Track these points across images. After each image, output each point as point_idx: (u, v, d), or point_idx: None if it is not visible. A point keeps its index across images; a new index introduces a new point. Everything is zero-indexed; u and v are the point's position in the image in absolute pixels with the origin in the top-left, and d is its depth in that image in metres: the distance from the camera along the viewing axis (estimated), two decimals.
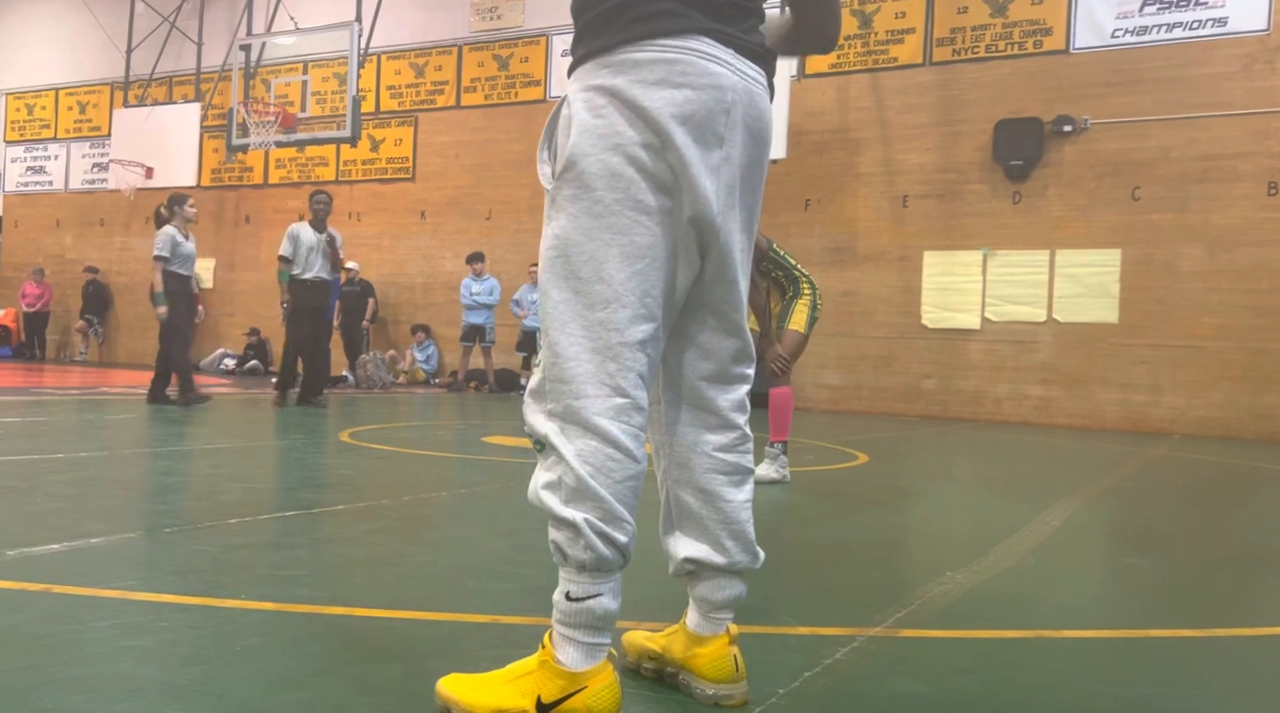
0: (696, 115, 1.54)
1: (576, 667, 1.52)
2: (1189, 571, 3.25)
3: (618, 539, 1.52)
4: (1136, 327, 10.39)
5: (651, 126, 1.53)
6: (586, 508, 1.52)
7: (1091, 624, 2.51)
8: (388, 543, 3.13)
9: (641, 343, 1.56)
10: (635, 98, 1.53)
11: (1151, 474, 6.26)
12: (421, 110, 14.66)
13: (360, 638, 2.08)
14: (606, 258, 1.54)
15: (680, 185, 1.55)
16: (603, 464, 1.52)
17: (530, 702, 1.53)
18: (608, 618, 1.54)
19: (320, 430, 6.70)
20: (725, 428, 1.72)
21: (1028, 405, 10.87)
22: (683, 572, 1.76)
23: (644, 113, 1.53)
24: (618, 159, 1.53)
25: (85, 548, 2.78)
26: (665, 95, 1.53)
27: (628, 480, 1.54)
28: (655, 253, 1.56)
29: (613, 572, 1.54)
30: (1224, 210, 10.07)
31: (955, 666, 2.06)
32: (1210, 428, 10.00)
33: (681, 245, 1.59)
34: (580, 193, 1.56)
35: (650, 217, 1.55)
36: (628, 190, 1.54)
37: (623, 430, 1.53)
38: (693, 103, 1.54)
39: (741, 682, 1.73)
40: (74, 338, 17.25)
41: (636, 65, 1.54)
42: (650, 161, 1.54)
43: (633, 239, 1.54)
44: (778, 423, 4.90)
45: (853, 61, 11.82)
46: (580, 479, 1.52)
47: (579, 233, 1.56)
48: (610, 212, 1.54)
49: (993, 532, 3.70)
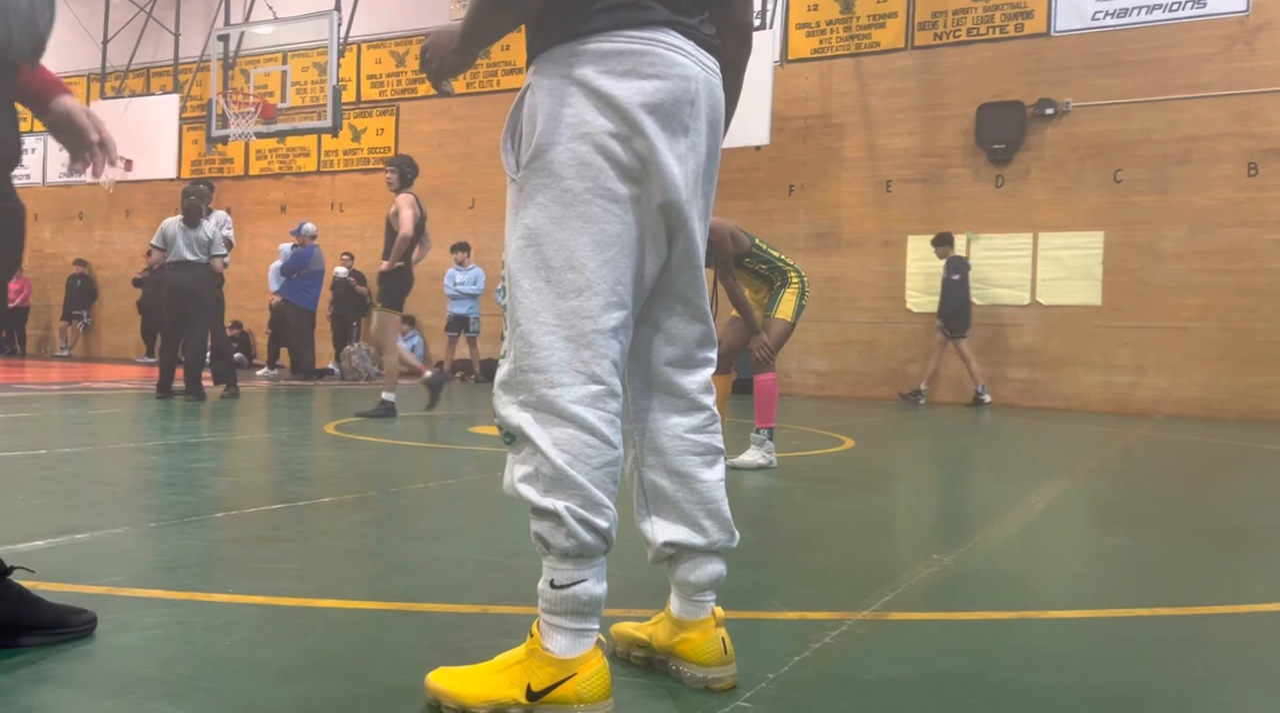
0: (665, 105, 1.56)
1: (565, 654, 1.53)
2: (1174, 550, 3.28)
3: (599, 525, 1.53)
4: (1119, 308, 10.46)
5: (621, 116, 1.54)
6: (566, 496, 1.52)
7: (1078, 605, 2.54)
8: (376, 535, 3.13)
9: (614, 330, 1.57)
10: (604, 88, 1.54)
11: (1135, 455, 6.31)
12: (403, 99, 14.58)
13: (351, 631, 2.08)
14: (578, 246, 1.55)
15: (650, 173, 1.56)
16: (580, 451, 1.53)
17: (520, 691, 1.54)
18: (593, 603, 1.55)
19: (305, 423, 6.67)
20: (694, 409, 1.74)
21: (1012, 388, 10.92)
22: (662, 557, 1.77)
23: (613, 102, 1.54)
24: (586, 148, 1.54)
25: (71, 544, 2.77)
26: (634, 85, 1.54)
27: (605, 466, 1.55)
28: (625, 241, 1.57)
29: (596, 557, 1.55)
30: (1205, 192, 10.13)
31: (943, 647, 2.08)
32: (1193, 408, 10.08)
33: (650, 233, 1.61)
34: (549, 182, 1.56)
35: (619, 205, 1.56)
36: (596, 179, 1.54)
37: (599, 417, 1.54)
38: (661, 93, 1.56)
39: (730, 664, 1.74)
40: (55, 333, 17.13)
41: (605, 56, 1.54)
42: (619, 150, 1.54)
43: (603, 227, 1.55)
44: (763, 409, 4.91)
45: (835, 46, 11.81)
46: (558, 468, 1.52)
47: (549, 222, 1.56)
48: (580, 200, 1.54)
49: (978, 514, 3.73)
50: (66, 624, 1.92)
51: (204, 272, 8.13)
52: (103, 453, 4.94)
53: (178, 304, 8.11)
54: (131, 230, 16.67)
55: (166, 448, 5.10)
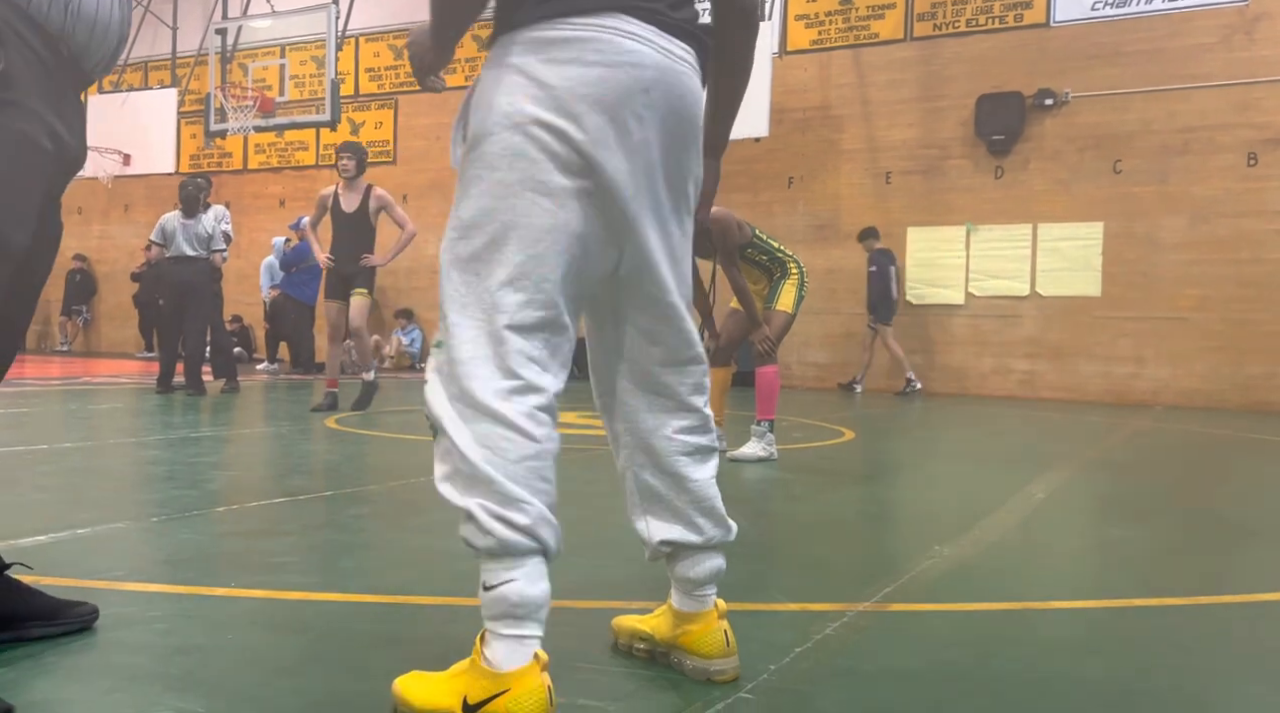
0: (609, 96, 1.49)
1: (500, 666, 1.45)
2: (1174, 540, 3.28)
3: (517, 521, 1.45)
4: (1119, 299, 10.45)
5: (559, 106, 1.48)
6: (480, 493, 1.46)
7: (1078, 595, 2.54)
8: (376, 528, 3.13)
9: (534, 327, 1.51)
10: (542, 76, 1.49)
11: (1136, 446, 6.31)
12: (401, 93, 14.55)
13: (352, 624, 2.08)
14: (505, 240, 1.50)
15: (591, 168, 1.50)
16: (496, 445, 1.47)
17: (458, 702, 1.48)
18: (525, 606, 1.46)
19: (304, 417, 6.67)
20: (683, 410, 1.71)
21: (1012, 379, 10.92)
22: (659, 554, 1.75)
23: (552, 92, 1.48)
24: (520, 138, 1.49)
25: (73, 539, 2.77)
26: (575, 74, 1.48)
27: (525, 461, 1.47)
28: (557, 236, 1.50)
29: (524, 556, 1.47)
30: (1204, 182, 10.12)
31: (945, 639, 2.08)
32: (1193, 399, 10.08)
33: (595, 229, 1.54)
34: (484, 173, 1.52)
35: (552, 198, 1.49)
36: (529, 171, 1.49)
37: (515, 410, 1.48)
38: (605, 82, 1.49)
39: (733, 656, 1.73)
40: (54, 328, 17.12)
41: (549, 44, 1.50)
42: (555, 143, 1.48)
43: (532, 221, 1.49)
44: (764, 402, 4.92)
45: (834, 38, 11.79)
46: (472, 465, 1.47)
47: (480, 214, 1.52)
48: (512, 192, 1.49)
49: (980, 505, 3.73)
50: (66, 616, 1.93)
51: (203, 266, 8.12)
52: (104, 448, 4.94)
53: (177, 299, 8.11)
54: (130, 225, 16.65)
55: (167, 443, 5.10)
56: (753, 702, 1.66)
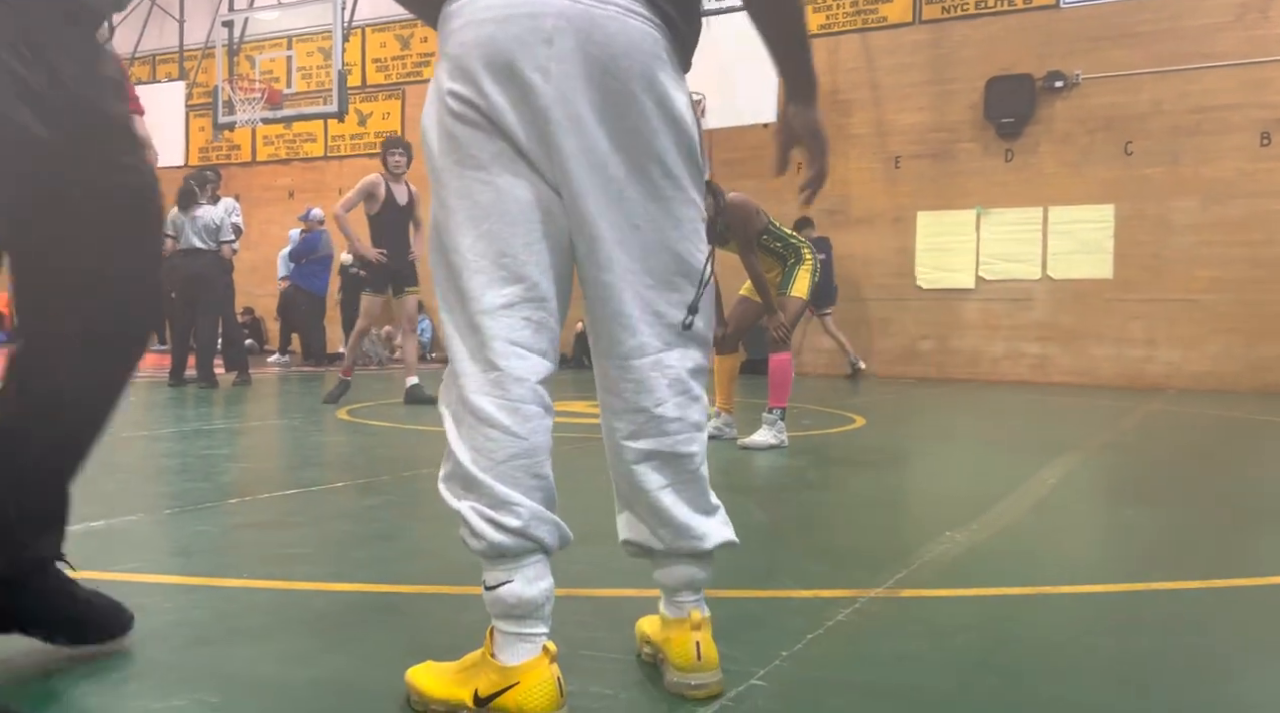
0: (502, 53, 1.40)
1: (507, 661, 1.45)
2: (1187, 523, 3.27)
3: (508, 523, 1.43)
4: (1131, 282, 10.39)
5: (462, 73, 1.43)
6: (473, 497, 1.45)
7: (1092, 579, 2.53)
8: (389, 518, 3.14)
9: (505, 308, 1.46)
10: (449, 49, 1.46)
11: (1148, 429, 6.28)
12: (408, 83, 14.53)
13: (365, 613, 2.09)
14: (456, 226, 1.47)
15: (504, 131, 1.43)
16: (482, 445, 1.45)
17: (469, 694, 1.48)
18: (525, 606, 1.45)
19: (317, 408, 6.69)
20: (631, 411, 1.56)
21: (1024, 364, 10.88)
22: (629, 554, 1.70)
23: (456, 62, 1.44)
24: (448, 120, 1.46)
25: (86, 531, 2.79)
26: (469, 37, 1.42)
27: (512, 460, 1.44)
28: (504, 208, 1.45)
29: (519, 557, 1.45)
30: (1217, 163, 10.04)
31: (957, 623, 2.08)
32: (1206, 381, 10.03)
33: (539, 191, 1.47)
34: (431, 163, 1.50)
35: (486, 171, 1.44)
36: (460, 149, 1.45)
37: (496, 405, 1.44)
38: (496, 40, 1.40)
39: (706, 671, 1.59)
40: None
41: (452, 15, 1.47)
42: (469, 112, 1.43)
43: (475, 200, 1.45)
44: (777, 389, 4.91)
45: (842, 22, 11.72)
46: (464, 468, 1.46)
47: (438, 207, 1.50)
48: (453, 176, 1.46)
49: (991, 490, 3.72)
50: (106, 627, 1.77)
51: (213, 259, 8.14)
52: (116, 441, 4.97)
53: (188, 292, 8.13)
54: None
55: (180, 435, 5.13)
56: (765, 688, 1.66)
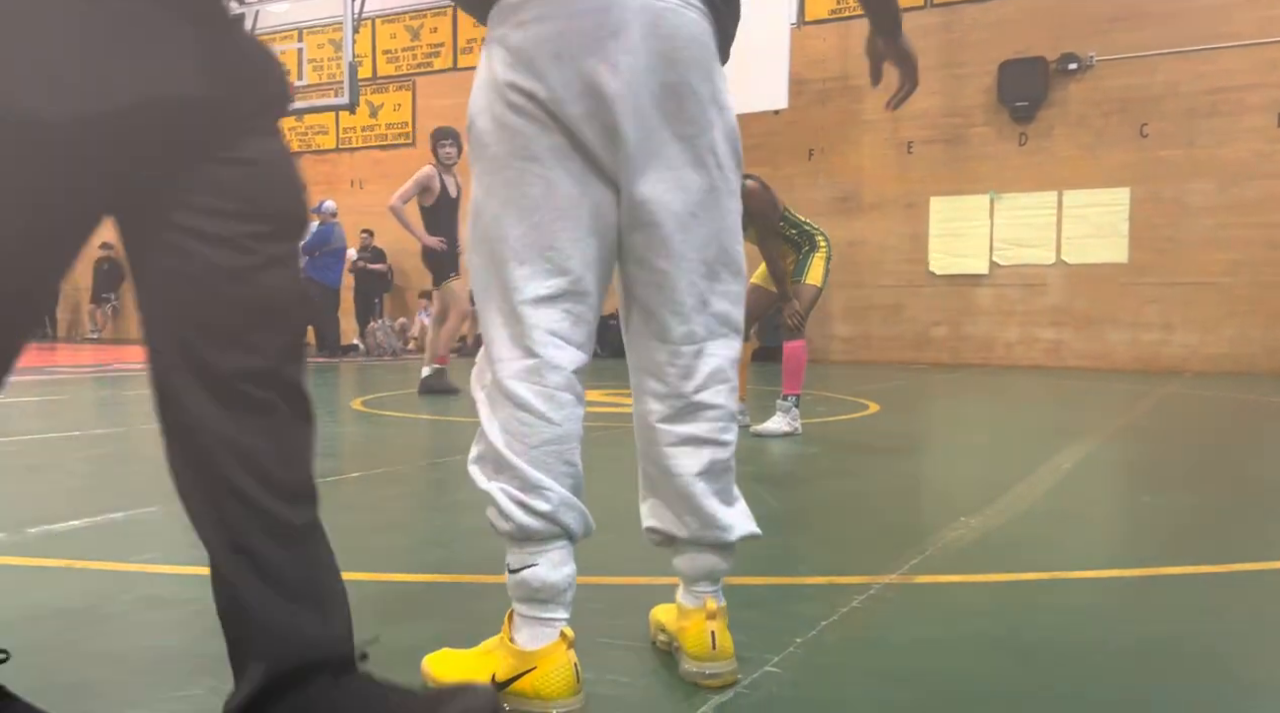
0: (571, 49, 1.42)
1: (526, 645, 1.47)
2: (1204, 507, 3.25)
3: (538, 507, 1.45)
4: (1146, 265, 10.32)
5: (527, 67, 1.44)
6: (504, 479, 1.47)
7: (1107, 564, 2.53)
8: (405, 508, 3.16)
9: (548, 300, 1.48)
10: (512, 41, 1.46)
11: (1164, 413, 6.25)
12: (419, 74, 14.54)
13: (382, 602, 2.10)
14: (505, 215, 1.48)
15: (568, 126, 1.45)
16: (516, 430, 1.47)
17: (486, 679, 1.49)
18: (548, 590, 1.47)
19: (332, 400, 6.73)
20: (673, 396, 1.59)
21: (1038, 349, 10.84)
22: (653, 542, 1.71)
23: (520, 54, 1.44)
24: (502, 108, 1.46)
25: (106, 523, 2.81)
26: (537, 32, 1.43)
27: (545, 445, 1.47)
28: (555, 202, 1.47)
29: (545, 541, 1.47)
30: (1233, 144, 9.95)
31: (972, 609, 2.08)
32: (1223, 364, 9.97)
33: (591, 187, 1.49)
34: (479, 151, 1.51)
35: (541, 164, 1.46)
36: (515, 140, 1.46)
37: (533, 392, 1.47)
38: (565, 35, 1.42)
39: (721, 660, 1.60)
40: (84, 316, 17.31)
41: (516, 8, 1.47)
42: (530, 105, 1.44)
43: (525, 191, 1.47)
44: (791, 376, 4.91)
45: (853, 7, 11.65)
46: (496, 451, 1.47)
47: (483, 194, 1.51)
48: (503, 165, 1.47)
49: (1006, 476, 3.71)
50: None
51: None
52: (136, 433, 5.00)
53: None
54: None
55: None
56: (779, 675, 1.66)
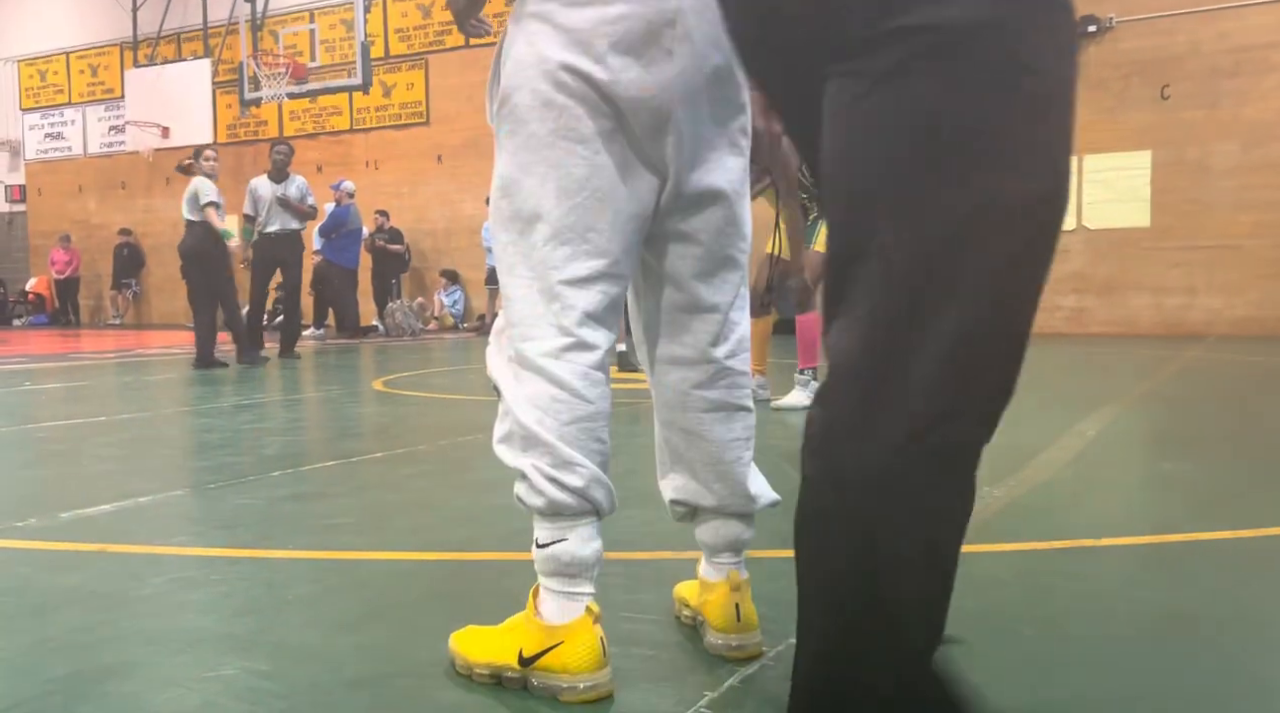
0: (632, 33, 1.42)
1: (553, 620, 1.48)
2: (1229, 473, 3.23)
3: (570, 483, 1.46)
4: (1169, 229, 10.21)
5: (583, 49, 1.43)
6: (535, 455, 1.47)
7: (1131, 532, 2.52)
8: (428, 487, 3.18)
9: (587, 280, 1.48)
10: (564, 21, 1.44)
11: (1188, 378, 6.20)
12: (431, 52, 14.49)
13: (407, 581, 2.12)
14: (544, 194, 1.47)
15: (621, 109, 1.45)
16: (549, 406, 1.47)
17: (513, 655, 1.51)
18: (577, 565, 1.48)
19: (354, 381, 6.77)
20: (704, 363, 1.61)
21: (1060, 316, 10.75)
22: (679, 515, 1.71)
23: (575, 35, 1.43)
24: (548, 87, 1.44)
25: (135, 507, 2.85)
26: (594, 14, 1.42)
27: (577, 422, 1.47)
28: (597, 183, 1.47)
29: (576, 517, 1.48)
30: (1257, 104, 9.80)
31: (996, 578, 2.08)
32: (1248, 327, 9.86)
33: (634, 171, 1.49)
34: (516, 127, 1.49)
35: (587, 145, 1.45)
36: (560, 119, 1.45)
37: (568, 370, 1.47)
38: (626, 19, 1.42)
39: (747, 632, 1.62)
40: (106, 302, 17.46)
41: None
42: (584, 88, 1.43)
43: (569, 172, 1.46)
44: (806, 350, 4.89)
45: None
46: (527, 427, 1.47)
47: (518, 170, 1.50)
48: (545, 144, 1.46)
49: (1029, 445, 3.69)
50: None
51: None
52: (160, 418, 5.06)
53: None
54: (173, 197, 16.80)
55: (220, 410, 5.21)
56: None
